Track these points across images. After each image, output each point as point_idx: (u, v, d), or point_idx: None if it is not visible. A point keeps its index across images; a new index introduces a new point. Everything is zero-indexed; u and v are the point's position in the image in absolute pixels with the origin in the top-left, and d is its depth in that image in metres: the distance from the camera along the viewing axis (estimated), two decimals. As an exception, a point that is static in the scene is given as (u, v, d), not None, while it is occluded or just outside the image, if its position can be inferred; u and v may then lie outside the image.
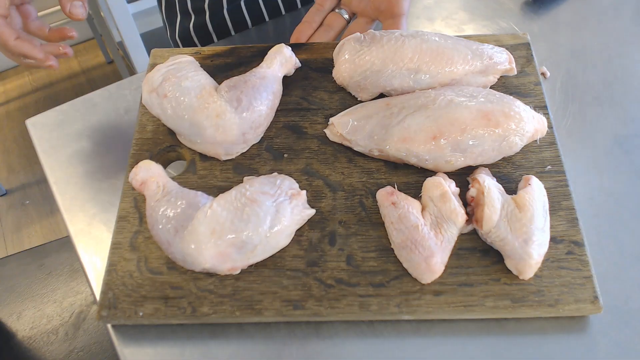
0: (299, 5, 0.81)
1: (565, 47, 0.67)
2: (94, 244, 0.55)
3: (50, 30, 0.61)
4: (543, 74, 0.64)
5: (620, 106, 0.61)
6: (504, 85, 0.58)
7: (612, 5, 0.72)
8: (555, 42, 0.68)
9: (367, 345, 0.46)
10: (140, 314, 0.46)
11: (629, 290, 0.48)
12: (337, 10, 0.65)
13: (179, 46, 0.86)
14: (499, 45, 0.58)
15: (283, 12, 0.80)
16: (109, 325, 0.48)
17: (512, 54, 0.57)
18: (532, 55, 0.60)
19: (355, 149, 0.53)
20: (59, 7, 0.58)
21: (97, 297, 0.49)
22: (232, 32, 0.81)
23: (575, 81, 0.64)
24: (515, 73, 0.57)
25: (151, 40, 1.73)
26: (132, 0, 1.71)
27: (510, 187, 0.51)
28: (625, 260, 0.50)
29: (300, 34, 0.64)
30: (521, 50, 0.60)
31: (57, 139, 0.63)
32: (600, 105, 0.61)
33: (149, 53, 0.93)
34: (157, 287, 0.47)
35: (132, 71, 1.94)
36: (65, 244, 1.63)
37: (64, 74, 2.18)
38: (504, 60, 0.56)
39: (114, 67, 2.15)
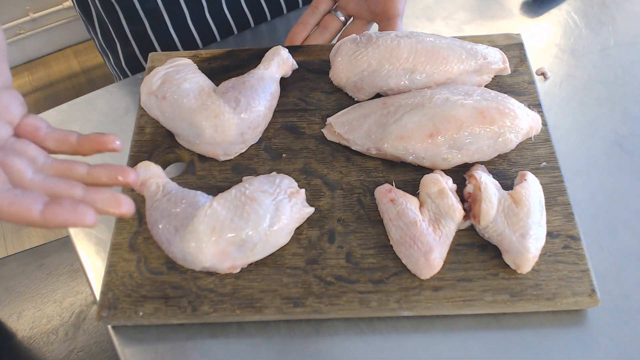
0: (252, 24, 0.78)
1: (565, 47, 0.67)
2: (94, 244, 0.55)
3: (80, 140, 0.41)
4: (543, 74, 0.64)
5: (620, 106, 0.61)
6: (498, 84, 0.58)
7: (612, 5, 0.72)
8: (555, 42, 0.68)
9: (366, 344, 0.46)
10: (141, 313, 0.46)
11: (628, 290, 0.48)
12: (333, 12, 0.65)
13: (127, 75, 0.79)
14: (493, 46, 0.59)
15: (235, 32, 0.78)
16: (109, 326, 0.48)
17: (505, 54, 0.58)
18: (525, 55, 0.60)
19: (352, 148, 0.54)
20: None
21: (97, 297, 0.49)
22: (181, 49, 0.75)
23: (575, 81, 0.64)
24: (509, 72, 0.57)
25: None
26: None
27: (507, 183, 0.51)
28: (625, 260, 0.50)
29: (295, 35, 0.64)
30: (514, 50, 0.60)
31: (57, 139, 0.63)
32: (600, 105, 0.61)
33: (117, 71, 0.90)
34: (157, 287, 0.47)
35: (132, 71, 1.94)
36: (65, 244, 1.63)
37: (64, 74, 2.18)
38: (497, 60, 0.56)
39: (114, 68, 2.15)
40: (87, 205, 0.36)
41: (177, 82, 0.53)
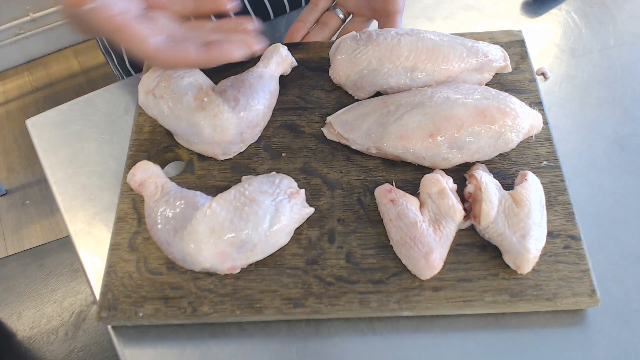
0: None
1: (565, 47, 0.67)
2: (94, 244, 0.55)
3: (197, 2, 0.53)
4: (543, 74, 0.64)
5: (620, 106, 0.61)
6: (499, 82, 0.58)
7: (612, 5, 0.72)
8: (555, 43, 0.68)
9: (366, 344, 0.46)
10: (140, 314, 0.46)
11: (629, 290, 0.48)
12: (332, 10, 0.65)
13: (130, 74, 0.81)
14: (494, 43, 0.58)
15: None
16: (109, 327, 0.48)
17: (506, 51, 0.57)
18: (526, 52, 0.60)
19: (352, 147, 0.53)
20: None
21: (97, 297, 0.49)
22: None
23: (575, 81, 0.64)
24: (510, 70, 0.57)
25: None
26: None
27: (507, 182, 0.51)
28: (625, 260, 0.50)
29: (294, 33, 0.63)
30: (515, 48, 0.60)
31: (57, 139, 0.63)
32: (600, 105, 0.61)
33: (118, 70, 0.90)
34: (156, 288, 0.47)
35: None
36: (65, 244, 1.63)
37: (64, 74, 2.18)
38: (498, 58, 0.56)
39: (114, 67, 2.15)
40: (230, 41, 0.49)
41: (175, 80, 0.53)
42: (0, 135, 2.02)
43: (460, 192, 0.50)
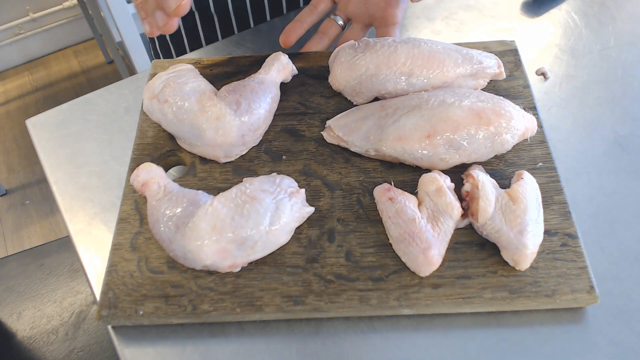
0: (268, 17, 0.81)
1: (565, 47, 0.68)
2: (94, 244, 0.55)
3: None
4: (543, 74, 0.65)
5: (620, 106, 0.61)
6: (494, 88, 0.58)
7: (612, 5, 0.72)
8: (555, 43, 0.68)
9: (367, 344, 0.46)
10: (141, 312, 0.46)
11: (628, 290, 0.48)
12: (332, 17, 0.65)
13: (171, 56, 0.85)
14: (488, 52, 0.59)
15: (252, 24, 0.80)
16: (109, 326, 0.48)
17: (500, 60, 0.58)
18: (519, 60, 0.61)
19: (352, 149, 0.54)
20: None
21: (97, 297, 0.49)
22: (202, 36, 0.82)
23: (575, 81, 0.64)
24: (504, 77, 0.58)
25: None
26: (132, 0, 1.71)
27: (504, 183, 0.51)
28: (625, 260, 0.50)
29: (290, 32, 0.63)
30: (509, 56, 0.61)
31: (57, 139, 0.63)
32: (600, 105, 0.61)
33: (148, 53, 0.93)
34: (157, 286, 0.47)
35: (132, 71, 1.94)
36: (65, 244, 1.64)
37: (64, 74, 2.18)
38: (493, 65, 0.57)
39: (114, 67, 2.16)
40: None
41: (179, 85, 0.54)
42: (0, 135, 2.03)
43: (457, 192, 0.50)
